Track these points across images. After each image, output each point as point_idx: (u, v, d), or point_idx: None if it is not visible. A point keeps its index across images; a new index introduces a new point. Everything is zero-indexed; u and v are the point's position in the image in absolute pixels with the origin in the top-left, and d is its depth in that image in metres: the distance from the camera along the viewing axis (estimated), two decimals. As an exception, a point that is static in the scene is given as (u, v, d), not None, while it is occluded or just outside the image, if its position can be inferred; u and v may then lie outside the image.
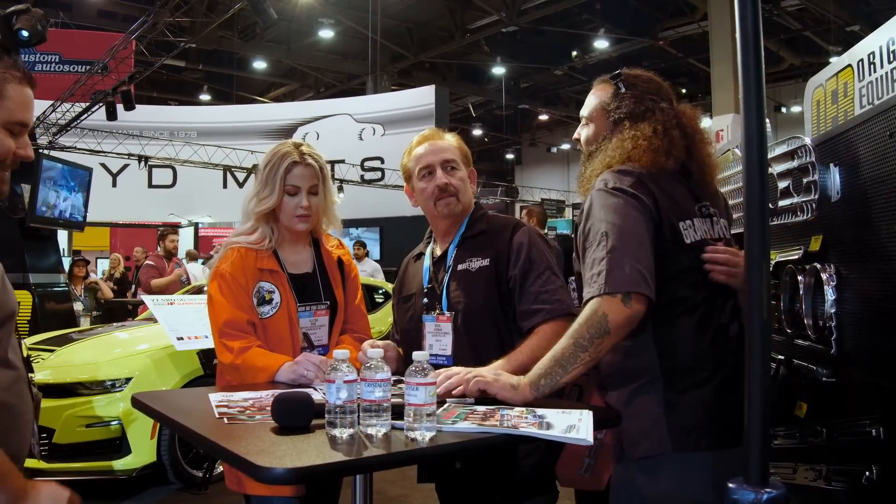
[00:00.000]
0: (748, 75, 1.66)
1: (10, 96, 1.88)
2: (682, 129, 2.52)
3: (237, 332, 2.86)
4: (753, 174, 1.66)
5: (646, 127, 2.48)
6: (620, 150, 2.48)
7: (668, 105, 2.56)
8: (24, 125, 1.95)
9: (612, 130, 2.57)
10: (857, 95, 3.25)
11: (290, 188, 2.95)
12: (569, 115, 31.29)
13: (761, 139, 1.66)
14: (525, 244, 2.78)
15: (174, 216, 20.09)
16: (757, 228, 1.64)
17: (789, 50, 22.85)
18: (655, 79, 2.64)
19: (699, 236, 2.41)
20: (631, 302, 2.19)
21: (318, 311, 3.01)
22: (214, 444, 1.82)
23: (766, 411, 1.61)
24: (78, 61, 19.06)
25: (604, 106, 2.64)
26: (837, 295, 2.67)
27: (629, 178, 2.38)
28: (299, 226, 2.99)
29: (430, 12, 22.75)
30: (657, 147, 2.44)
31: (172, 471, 5.85)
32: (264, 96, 29.00)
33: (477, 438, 1.89)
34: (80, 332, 7.28)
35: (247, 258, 2.96)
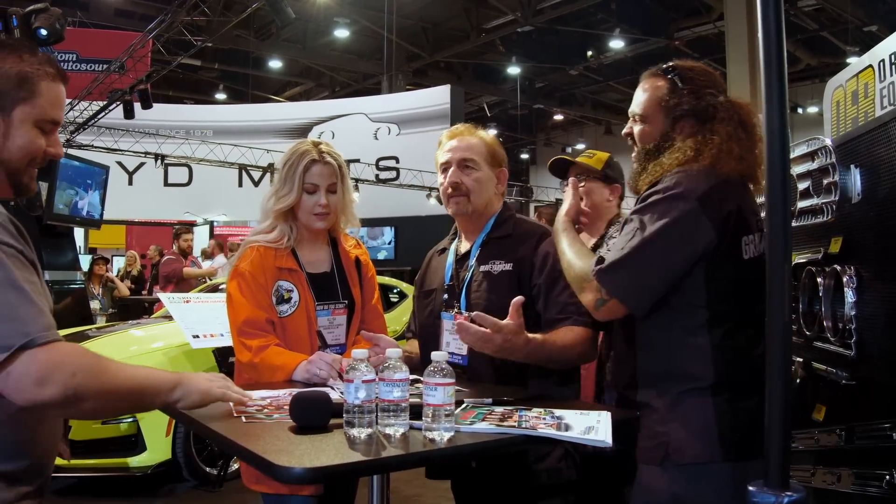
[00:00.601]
0: (770, 74, 1.64)
1: (42, 93, 1.91)
2: (745, 128, 2.41)
3: (256, 330, 2.87)
4: (775, 175, 1.64)
5: (720, 129, 2.38)
6: (697, 153, 2.37)
7: (725, 99, 2.46)
8: (55, 123, 1.98)
9: (674, 128, 2.47)
10: (878, 96, 3.22)
11: (308, 186, 2.95)
12: (584, 115, 31.27)
13: (783, 139, 1.64)
14: (552, 253, 2.72)
15: (189, 214, 20.13)
16: (779, 230, 1.62)
17: (806, 50, 22.71)
18: (709, 70, 2.55)
19: (758, 251, 2.32)
20: (603, 308, 2.32)
21: (336, 310, 3.01)
22: (233, 443, 1.82)
23: (787, 414, 1.60)
24: (95, 60, 19.13)
25: (660, 102, 2.50)
26: (857, 297, 2.65)
27: (705, 184, 2.27)
28: (317, 224, 2.99)
29: (446, 12, 22.73)
30: (735, 153, 2.34)
31: (187, 468, 5.87)
32: (279, 95, 29.03)
33: (495, 439, 1.89)
34: (97, 329, 7.31)
35: (266, 257, 2.96)
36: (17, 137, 1.90)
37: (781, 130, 1.64)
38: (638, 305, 2.27)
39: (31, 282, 1.73)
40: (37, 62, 1.92)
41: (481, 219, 2.93)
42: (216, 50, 23.08)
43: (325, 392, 2.05)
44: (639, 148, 2.57)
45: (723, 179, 2.29)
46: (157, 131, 18.80)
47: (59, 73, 1.97)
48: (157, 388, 1.96)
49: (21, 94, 1.89)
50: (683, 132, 2.44)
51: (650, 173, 2.45)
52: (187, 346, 5.82)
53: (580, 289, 2.40)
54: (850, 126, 3.49)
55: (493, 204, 2.95)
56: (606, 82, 26.95)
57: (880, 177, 2.55)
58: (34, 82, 1.90)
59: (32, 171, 1.98)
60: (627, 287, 2.25)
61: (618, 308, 2.29)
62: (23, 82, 1.89)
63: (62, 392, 1.69)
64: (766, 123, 1.65)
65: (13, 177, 1.94)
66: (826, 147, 2.87)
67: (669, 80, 2.49)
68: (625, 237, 2.27)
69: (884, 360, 2.51)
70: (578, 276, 2.40)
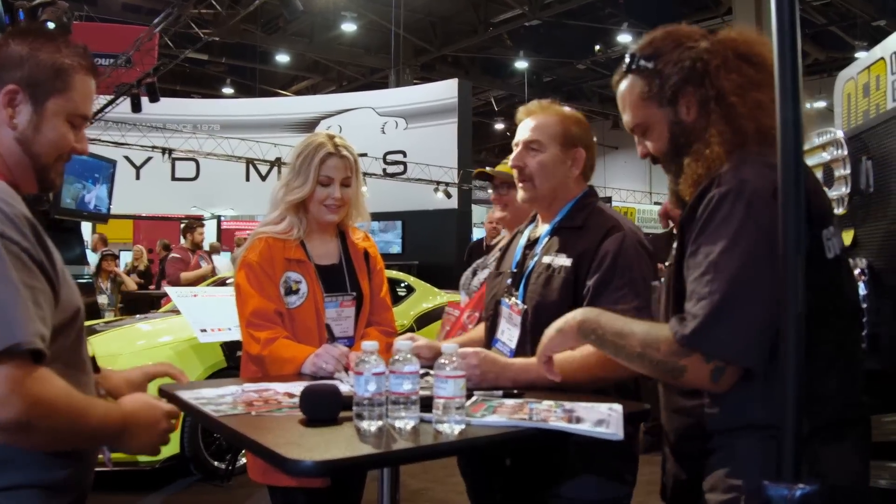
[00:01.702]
0: (784, 64, 1.63)
1: (76, 87, 1.87)
2: (751, 61, 1.95)
3: (264, 321, 2.87)
4: (789, 166, 1.63)
5: (723, 79, 1.95)
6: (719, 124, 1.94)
7: (706, 41, 2.02)
8: (85, 118, 1.93)
9: (677, 113, 2.04)
10: (890, 88, 3.20)
11: (323, 179, 2.96)
12: (591, 110, 31.16)
13: (797, 128, 1.62)
14: (611, 253, 2.47)
15: (197, 209, 20.14)
16: (792, 222, 1.60)
17: (814, 45, 22.65)
18: (670, 28, 2.10)
19: (839, 248, 1.93)
20: (722, 378, 1.78)
21: (344, 301, 3.01)
22: (243, 436, 1.81)
23: (800, 405, 1.58)
24: (102, 54, 19.07)
25: (644, 97, 2.10)
26: (870, 289, 2.64)
27: (769, 170, 1.70)
28: (328, 216, 2.99)
29: (453, 6, 22.71)
30: (761, 102, 1.88)
31: (195, 463, 5.88)
32: (287, 90, 29.04)
33: (505, 432, 1.88)
34: (105, 323, 7.31)
35: (274, 248, 2.96)
36: (48, 131, 1.84)
37: (795, 122, 1.62)
38: (760, 359, 1.77)
39: (31, 286, 1.62)
40: (74, 54, 1.87)
41: (554, 204, 2.71)
42: (223, 44, 23.07)
43: (335, 385, 2.05)
44: (663, 157, 2.15)
45: None
46: (165, 125, 18.83)
47: (92, 67, 1.92)
48: (104, 437, 1.81)
49: (56, 85, 1.83)
50: (691, 108, 2.02)
51: (689, 173, 2.01)
52: (195, 340, 5.82)
53: (669, 367, 1.84)
54: (860, 119, 3.47)
55: (569, 188, 2.70)
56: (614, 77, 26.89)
57: (892, 169, 2.54)
58: (70, 74, 1.85)
59: (59, 167, 1.92)
60: (736, 342, 1.76)
61: (733, 376, 1.79)
62: (59, 73, 1.83)
63: (15, 418, 1.53)
64: (779, 116, 1.63)
65: (41, 172, 1.88)
66: (838, 139, 2.86)
67: (636, 69, 2.11)
68: (701, 280, 1.81)
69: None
70: (654, 343, 1.87)
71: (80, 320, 1.85)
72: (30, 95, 1.81)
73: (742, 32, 2.01)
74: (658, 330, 1.88)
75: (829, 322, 1.79)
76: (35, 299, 1.61)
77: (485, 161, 33.96)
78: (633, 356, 1.91)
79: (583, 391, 2.26)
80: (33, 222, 1.70)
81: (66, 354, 1.78)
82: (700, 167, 1.96)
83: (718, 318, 1.75)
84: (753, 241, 1.75)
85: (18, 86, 1.80)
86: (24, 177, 1.86)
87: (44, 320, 1.62)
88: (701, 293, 1.78)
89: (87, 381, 1.90)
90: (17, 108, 1.81)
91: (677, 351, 1.80)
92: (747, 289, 1.75)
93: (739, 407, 1.85)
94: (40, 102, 1.82)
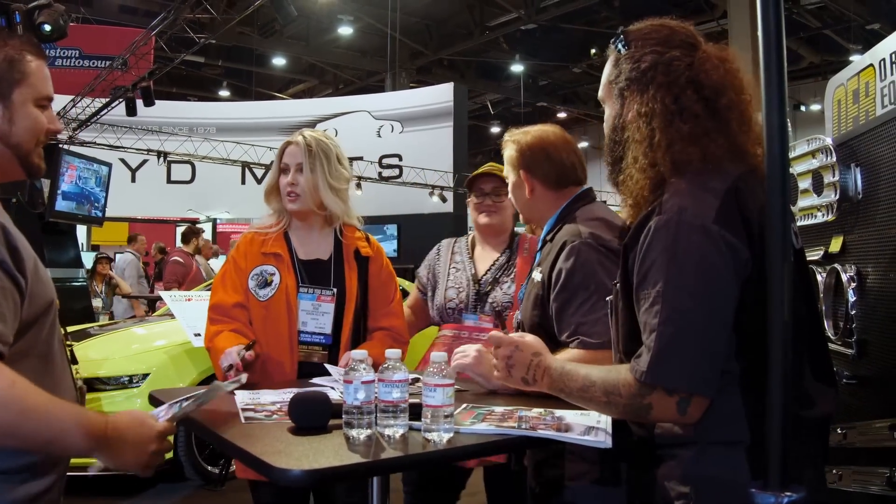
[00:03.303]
0: (770, 73, 1.64)
1: (33, 72, 1.93)
2: (698, 87, 1.89)
3: (220, 316, 2.97)
4: (775, 173, 1.64)
5: (656, 97, 1.89)
6: (644, 143, 1.89)
7: (684, 52, 1.93)
8: (49, 99, 2.00)
9: (623, 110, 2.00)
10: (879, 95, 3.22)
11: (282, 165, 3.05)
12: (587, 113, 31.18)
13: (783, 136, 1.64)
14: (566, 270, 2.47)
15: (192, 212, 20.13)
16: (778, 228, 1.62)
17: (809, 48, 22.70)
18: (667, 24, 2.00)
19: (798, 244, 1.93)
20: (689, 409, 1.75)
21: (322, 296, 3.00)
22: (231, 444, 1.82)
23: (787, 413, 1.59)
24: (98, 56, 19.09)
25: (608, 78, 2.07)
26: (858, 296, 2.65)
27: (713, 200, 1.76)
28: (289, 205, 3.04)
29: (449, 9, 22.70)
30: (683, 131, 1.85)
31: (189, 467, 5.87)
32: (283, 93, 29.03)
33: (494, 440, 1.89)
34: (99, 327, 7.31)
35: (253, 243, 3.06)
36: (21, 119, 1.92)
37: (781, 129, 1.64)
38: (713, 386, 1.74)
39: None
40: (18, 44, 1.94)
41: (542, 220, 2.79)
42: (219, 47, 23.08)
43: (325, 393, 2.05)
44: (604, 150, 2.14)
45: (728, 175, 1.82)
46: (160, 128, 18.77)
47: (39, 52, 1.99)
48: (70, 445, 1.74)
49: (14, 76, 1.90)
50: (629, 112, 1.97)
51: (624, 197, 2.01)
52: (189, 345, 5.82)
53: (636, 407, 1.81)
54: (850, 125, 3.48)
55: (545, 203, 2.74)
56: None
57: (881, 176, 2.55)
58: (22, 63, 1.92)
59: (39, 150, 1.99)
60: (694, 371, 1.73)
61: (699, 409, 1.75)
62: (12, 65, 1.90)
63: None
64: (765, 124, 1.65)
65: (24, 158, 1.96)
66: (827, 147, 2.87)
67: (615, 49, 2.05)
68: (651, 310, 1.78)
69: (885, 359, 2.51)
70: (615, 389, 1.84)
71: (52, 313, 1.89)
72: None
73: (722, 59, 1.94)
74: (615, 374, 1.85)
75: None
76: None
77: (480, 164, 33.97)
78: (601, 405, 1.89)
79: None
80: (4, 226, 1.74)
81: (40, 346, 1.84)
82: (628, 195, 1.96)
83: (671, 349, 1.73)
84: (698, 268, 1.73)
85: None
86: (9, 167, 1.95)
87: (2, 316, 1.65)
88: (652, 325, 1.76)
89: (62, 374, 1.94)
90: None
91: (638, 391, 1.78)
92: (697, 317, 1.73)
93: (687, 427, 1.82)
94: (6, 96, 1.90)
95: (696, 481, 1.80)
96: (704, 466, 1.79)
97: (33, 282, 1.78)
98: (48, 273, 1.91)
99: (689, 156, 1.83)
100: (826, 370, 1.93)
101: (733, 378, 1.75)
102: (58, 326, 1.95)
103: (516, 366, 2.02)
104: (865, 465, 2.58)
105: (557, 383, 1.96)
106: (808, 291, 1.96)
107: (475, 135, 29.62)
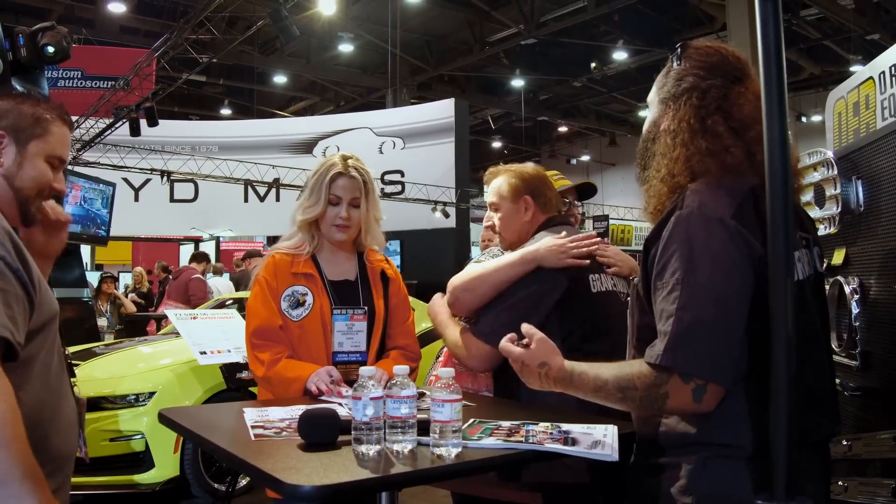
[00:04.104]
0: (770, 84, 1.65)
1: (54, 133, 2.16)
2: (727, 116, 1.97)
3: (266, 341, 2.94)
4: (776, 186, 1.64)
5: (681, 113, 2.00)
6: (667, 157, 2.01)
7: (725, 82, 2.01)
8: (62, 161, 2.22)
9: (659, 119, 2.09)
10: (879, 108, 3.23)
11: (332, 198, 3.03)
12: (588, 127, 31.29)
13: (784, 149, 1.64)
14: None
15: (196, 230, 20.17)
16: (781, 242, 1.63)
17: (809, 59, 22.75)
18: (722, 50, 2.08)
19: (806, 273, 1.98)
20: (704, 397, 1.78)
21: (355, 315, 3.04)
22: (242, 461, 1.83)
23: (791, 425, 1.60)
24: (100, 77, 19.16)
25: (656, 86, 2.16)
26: (861, 308, 2.67)
27: (731, 200, 1.86)
28: (337, 235, 3.06)
29: (450, 25, 22.77)
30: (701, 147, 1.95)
31: (196, 485, 5.87)
32: (284, 110, 29.09)
33: (502, 454, 1.90)
34: (105, 346, 7.33)
35: (281, 263, 3.06)
36: (29, 168, 2.10)
37: (783, 144, 1.64)
38: (734, 375, 1.79)
39: (3, 289, 1.77)
40: (50, 108, 2.18)
41: (524, 243, 2.94)
42: (221, 66, 23.13)
43: (333, 409, 2.07)
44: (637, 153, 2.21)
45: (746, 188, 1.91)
46: (163, 147, 18.83)
47: (67, 120, 2.22)
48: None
49: (36, 130, 2.12)
50: (663, 125, 2.07)
51: (647, 203, 2.10)
52: (195, 363, 5.83)
53: (652, 398, 1.85)
54: (851, 137, 3.49)
55: (532, 228, 2.99)
56: (610, 94, 26.98)
57: (882, 188, 2.57)
58: (47, 122, 2.14)
59: (39, 203, 2.17)
60: (709, 357, 1.78)
61: (714, 397, 1.80)
62: (38, 122, 2.13)
63: None
64: (766, 134, 1.65)
65: (23, 205, 2.11)
66: (828, 160, 2.88)
67: (670, 60, 2.13)
68: (668, 298, 1.84)
69: (889, 370, 2.52)
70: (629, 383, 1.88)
71: (56, 323, 2.03)
72: (14, 139, 2.10)
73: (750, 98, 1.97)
74: (628, 368, 1.90)
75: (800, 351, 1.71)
76: (5, 300, 1.76)
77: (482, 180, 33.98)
78: (617, 402, 1.93)
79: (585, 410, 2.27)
80: (11, 233, 1.89)
81: (45, 355, 1.96)
82: (649, 203, 2.07)
83: (689, 334, 1.78)
84: (717, 258, 1.80)
85: (4, 132, 2.08)
86: (8, 209, 2.08)
87: (13, 320, 1.77)
88: (669, 311, 1.81)
89: (61, 384, 2.05)
90: (3, 150, 2.08)
91: (655, 380, 1.82)
92: (715, 305, 1.78)
93: (693, 424, 1.88)
94: (23, 144, 2.11)
95: (698, 494, 1.84)
96: (708, 478, 1.84)
97: (42, 293, 1.92)
98: (49, 287, 2.05)
99: (707, 166, 1.94)
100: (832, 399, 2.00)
101: (740, 378, 1.80)
102: (57, 336, 2.07)
103: (530, 378, 2.08)
104: (871, 476, 2.59)
105: (570, 388, 2.01)
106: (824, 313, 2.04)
107: (477, 150, 29.66)
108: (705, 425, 1.85)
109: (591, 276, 2.74)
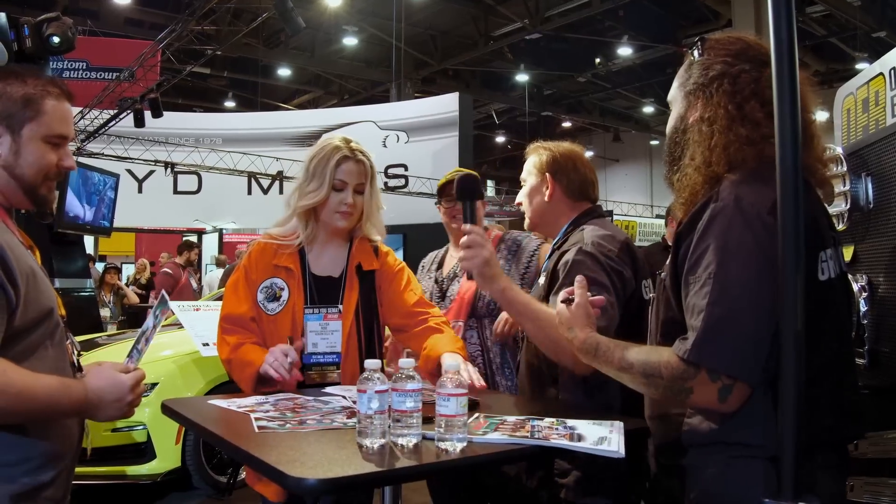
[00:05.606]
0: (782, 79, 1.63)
1: (48, 111, 2.07)
2: (762, 101, 1.89)
3: (235, 326, 2.87)
4: (787, 183, 1.62)
5: (716, 101, 1.94)
6: (703, 145, 1.95)
7: (754, 66, 1.95)
8: (64, 138, 2.13)
9: (687, 112, 2.04)
10: (889, 104, 3.20)
11: (337, 183, 2.87)
12: (592, 122, 31.27)
13: (795, 148, 1.63)
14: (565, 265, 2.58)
15: (199, 222, 20.18)
16: (791, 242, 1.61)
17: (815, 56, 22.69)
18: (744, 38, 2.04)
19: (835, 272, 1.91)
20: (729, 397, 1.76)
21: (329, 314, 2.90)
22: (246, 453, 1.82)
23: (799, 424, 1.58)
24: (105, 68, 19.19)
25: (679, 81, 2.10)
26: (869, 306, 2.65)
27: (768, 194, 1.75)
28: (340, 223, 2.91)
29: (454, 20, 22.76)
30: (742, 136, 1.90)
31: (197, 476, 5.86)
32: (288, 103, 29.10)
33: (507, 449, 1.89)
34: (108, 336, 7.32)
35: (265, 253, 2.96)
36: (27, 154, 2.05)
37: (793, 137, 1.62)
38: (763, 375, 1.75)
39: None
40: (40, 84, 2.08)
41: (553, 229, 2.90)
42: (224, 58, 23.16)
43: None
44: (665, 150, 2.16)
45: None
46: (167, 139, 18.84)
47: (63, 92, 2.13)
48: (62, 411, 1.98)
49: (28, 113, 2.04)
50: (693, 115, 2.02)
51: (678, 195, 2.05)
52: (197, 354, 5.83)
53: (676, 390, 1.82)
54: (860, 134, 3.46)
55: (558, 212, 2.86)
56: (614, 89, 26.98)
57: (892, 185, 2.55)
58: (39, 102, 2.05)
59: (50, 184, 2.13)
60: (739, 355, 1.74)
61: (740, 396, 1.77)
62: (28, 103, 2.04)
63: None
64: (777, 130, 1.63)
65: (29, 191, 2.09)
66: (837, 156, 2.86)
67: (691, 54, 2.09)
68: (700, 293, 1.80)
69: (896, 369, 2.51)
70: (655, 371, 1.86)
71: (52, 319, 2.02)
72: (6, 127, 2.03)
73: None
74: (656, 356, 1.88)
75: (810, 345, 1.65)
76: None
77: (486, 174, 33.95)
78: (639, 385, 1.92)
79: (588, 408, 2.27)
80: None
81: (39, 351, 1.96)
82: (683, 192, 2.01)
83: (720, 330, 1.74)
84: (752, 255, 1.75)
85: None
86: (16, 197, 2.09)
87: None
88: (701, 306, 1.78)
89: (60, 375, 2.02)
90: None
91: (681, 374, 1.79)
92: (748, 302, 1.74)
93: (715, 423, 1.85)
94: (16, 131, 2.04)
95: (721, 495, 1.82)
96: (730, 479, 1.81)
97: (27, 291, 1.91)
98: (48, 283, 2.06)
99: (745, 155, 1.89)
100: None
101: (765, 379, 1.75)
102: (58, 335, 2.06)
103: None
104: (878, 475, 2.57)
105: (594, 360, 2.05)
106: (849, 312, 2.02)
107: (480, 144, 29.68)
108: (729, 425, 1.81)
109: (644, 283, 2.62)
